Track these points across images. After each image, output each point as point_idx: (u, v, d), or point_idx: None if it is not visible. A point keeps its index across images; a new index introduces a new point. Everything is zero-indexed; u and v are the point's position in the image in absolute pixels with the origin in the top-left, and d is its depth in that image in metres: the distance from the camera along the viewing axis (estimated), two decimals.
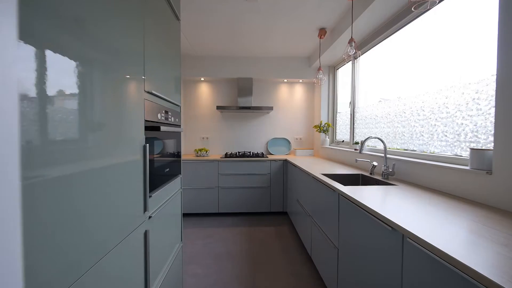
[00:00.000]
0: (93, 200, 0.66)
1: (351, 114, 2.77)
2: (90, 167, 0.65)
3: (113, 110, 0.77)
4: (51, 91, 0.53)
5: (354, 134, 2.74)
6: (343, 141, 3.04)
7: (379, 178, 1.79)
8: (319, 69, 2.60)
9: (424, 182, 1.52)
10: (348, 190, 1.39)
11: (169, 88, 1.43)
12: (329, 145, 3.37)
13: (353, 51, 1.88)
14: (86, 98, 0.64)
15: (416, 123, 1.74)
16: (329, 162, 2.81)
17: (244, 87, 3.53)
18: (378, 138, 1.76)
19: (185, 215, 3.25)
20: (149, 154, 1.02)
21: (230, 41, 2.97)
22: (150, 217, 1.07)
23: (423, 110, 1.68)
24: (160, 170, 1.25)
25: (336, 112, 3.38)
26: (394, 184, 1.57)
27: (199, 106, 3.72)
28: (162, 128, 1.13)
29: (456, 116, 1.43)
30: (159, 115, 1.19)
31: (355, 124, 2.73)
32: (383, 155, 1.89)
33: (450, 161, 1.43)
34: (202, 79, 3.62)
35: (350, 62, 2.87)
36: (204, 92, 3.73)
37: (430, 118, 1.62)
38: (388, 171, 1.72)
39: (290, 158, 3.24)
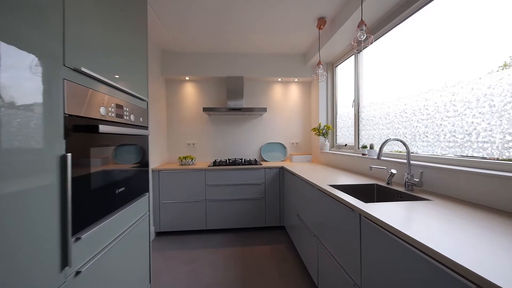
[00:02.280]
0: None
1: (355, 114, 2.45)
2: None
3: None
4: None
5: (360, 136, 2.41)
6: (345, 145, 2.71)
7: (401, 189, 1.45)
8: (318, 63, 2.28)
9: (466, 195, 1.18)
10: (375, 211, 1.03)
11: (126, 71, 1.04)
12: (329, 150, 3.03)
13: (363, 36, 1.55)
14: None
15: (444, 121, 1.42)
16: (331, 169, 2.47)
17: (234, 87, 3.17)
18: (400, 141, 1.42)
19: (167, 233, 2.81)
20: (81, 169, 0.63)
21: (217, 35, 2.62)
22: (78, 272, 0.67)
23: (454, 105, 1.36)
24: (106, 192, 0.86)
25: (336, 113, 3.06)
26: (426, 199, 1.23)
27: (184, 109, 3.33)
28: (106, 128, 0.75)
29: (506, 110, 1.11)
30: (103, 109, 0.81)
31: (360, 126, 2.41)
32: (404, 161, 1.56)
33: (505, 169, 1.10)
34: (187, 78, 3.24)
35: (353, 57, 2.57)
36: (190, 93, 3.34)
37: (465, 114, 1.30)
38: (413, 181, 1.37)
39: (287, 165, 2.88)
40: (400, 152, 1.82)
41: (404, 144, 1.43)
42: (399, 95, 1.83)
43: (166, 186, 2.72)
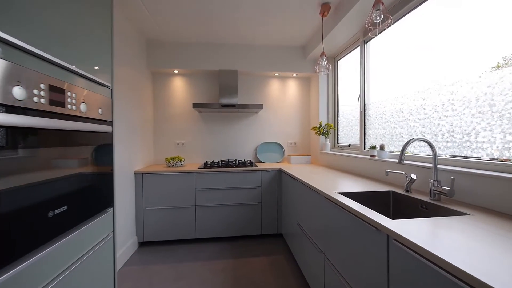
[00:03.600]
0: None
1: (361, 112, 2.22)
2: None
3: None
4: None
5: (366, 136, 2.18)
6: (349, 145, 2.48)
7: (425, 198, 1.22)
8: (321, 54, 2.04)
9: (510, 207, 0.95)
10: (409, 231, 0.79)
11: (75, 43, 0.77)
12: (331, 151, 2.81)
13: (380, 17, 1.31)
14: None
15: (476, 118, 1.20)
16: (334, 172, 2.23)
17: (227, 81, 2.91)
18: (425, 141, 1.19)
19: (152, 244, 2.53)
20: None
21: (209, 23, 2.35)
22: None
23: (493, 100, 1.13)
24: (29, 217, 0.59)
25: (338, 111, 2.83)
26: (463, 213, 0.99)
27: (172, 105, 3.04)
28: (21, 120, 0.48)
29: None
30: (19, 91, 0.53)
31: (366, 124, 2.18)
32: (429, 164, 1.33)
33: None
34: (176, 71, 2.95)
35: (357, 49, 2.34)
36: (179, 88, 3.05)
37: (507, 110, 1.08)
38: (441, 189, 1.14)
39: (285, 167, 2.63)
40: (413, 153, 1.60)
41: (430, 145, 1.19)
42: (416, 89, 1.60)
43: (150, 190, 2.44)
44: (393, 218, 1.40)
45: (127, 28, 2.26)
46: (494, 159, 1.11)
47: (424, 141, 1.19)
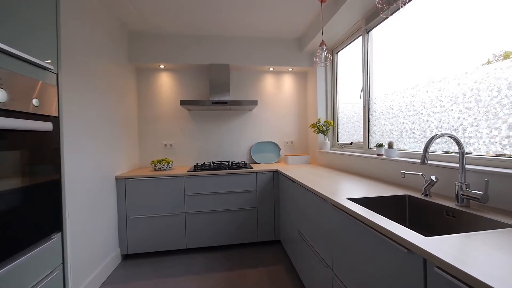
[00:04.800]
0: None
1: (364, 107, 2.04)
2: None
3: None
4: None
5: (371, 133, 2.00)
6: (351, 143, 2.30)
7: (450, 204, 1.04)
8: (321, 43, 1.85)
9: None
10: (452, 253, 0.60)
11: None
12: (331, 150, 2.63)
13: None
14: None
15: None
16: (336, 172, 2.05)
17: (218, 77, 2.68)
18: (452, 137, 1.01)
19: (136, 256, 2.29)
20: None
21: (197, 12, 2.12)
22: None
23: None
24: None
25: (337, 107, 2.65)
26: (508, 224, 0.81)
27: (159, 103, 2.80)
28: None
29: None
30: None
31: (370, 120, 2.00)
32: (455, 165, 1.15)
33: None
34: (162, 66, 2.71)
35: (358, 40, 2.16)
36: (166, 85, 2.81)
37: None
38: (472, 194, 0.96)
39: (282, 168, 2.44)
40: (413, 151, 1.42)
41: (457, 141, 1.01)
42: (430, 79, 1.42)
43: (134, 197, 2.20)
44: (410, 226, 1.22)
45: (103, 16, 2.01)
46: None
47: (451, 137, 1.00)
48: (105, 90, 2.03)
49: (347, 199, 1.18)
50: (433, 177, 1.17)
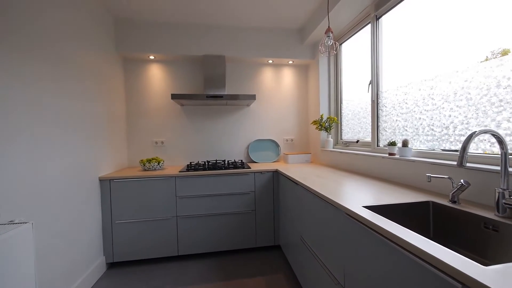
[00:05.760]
0: None
1: (373, 101, 1.87)
2: None
3: None
4: None
5: (380, 130, 1.83)
6: (357, 141, 2.13)
7: (488, 214, 0.87)
8: (327, 30, 1.66)
9: None
10: None
11: None
12: (334, 148, 2.46)
13: None
14: None
15: None
16: (341, 173, 1.88)
17: (213, 69, 2.48)
18: (494, 134, 0.83)
19: (123, 264, 2.09)
20: None
21: None
22: None
23: None
24: None
25: (341, 103, 2.48)
26: None
27: (149, 98, 2.59)
28: None
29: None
30: None
31: (380, 116, 1.83)
32: (493, 167, 0.98)
33: None
34: (152, 57, 2.50)
35: (365, 29, 1.98)
36: (156, 78, 2.60)
37: None
38: None
39: (282, 167, 2.26)
40: (431, 150, 1.26)
41: (500, 140, 0.84)
42: (453, 68, 1.25)
43: (121, 200, 2.00)
44: (434, 238, 1.05)
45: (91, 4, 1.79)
46: None
47: (494, 134, 0.83)
48: (87, 81, 1.82)
49: (363, 207, 1.01)
50: (462, 181, 1.00)
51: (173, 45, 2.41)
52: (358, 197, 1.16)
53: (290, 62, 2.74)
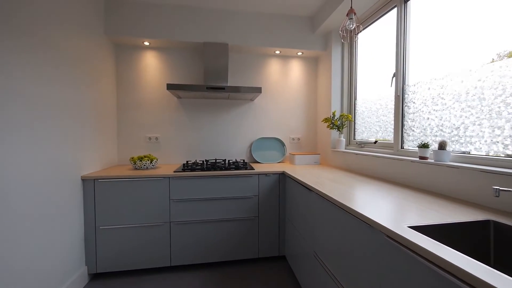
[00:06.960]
0: None
1: (397, 96, 1.63)
2: None
3: None
4: None
5: (405, 129, 1.60)
6: (375, 141, 1.90)
7: None
8: (349, 12, 1.42)
9: None
10: None
11: None
12: (346, 148, 2.22)
13: None
14: None
15: None
16: (357, 177, 1.64)
17: (215, 58, 2.23)
18: None
19: (109, 275, 1.85)
20: None
21: None
22: None
23: None
24: None
25: (356, 99, 2.24)
26: None
27: (142, 88, 2.33)
28: None
29: None
30: None
31: (405, 114, 1.60)
32: None
33: None
34: (147, 43, 2.24)
35: (395, 10, 1.74)
36: (151, 66, 2.35)
37: None
38: None
39: (289, 169, 2.02)
40: (471, 155, 1.03)
41: None
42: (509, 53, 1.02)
43: (106, 202, 1.75)
44: (495, 267, 0.82)
45: None
46: None
47: None
48: (70, 66, 1.57)
49: (409, 227, 0.77)
50: None
51: (169, 30, 2.15)
52: (395, 211, 0.92)
53: (300, 53, 2.50)
